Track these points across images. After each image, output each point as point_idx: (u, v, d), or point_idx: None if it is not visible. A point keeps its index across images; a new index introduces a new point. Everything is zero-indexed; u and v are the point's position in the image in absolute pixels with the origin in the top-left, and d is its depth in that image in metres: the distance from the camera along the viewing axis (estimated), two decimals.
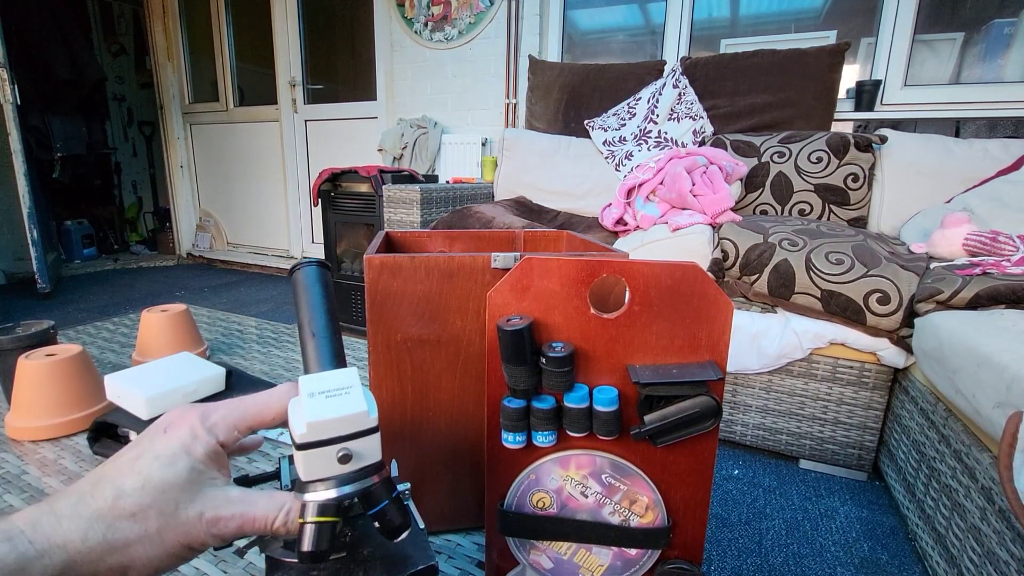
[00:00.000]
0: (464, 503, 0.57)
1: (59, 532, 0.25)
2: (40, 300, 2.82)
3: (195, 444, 0.30)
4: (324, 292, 0.35)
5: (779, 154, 1.77)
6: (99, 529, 0.26)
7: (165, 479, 0.28)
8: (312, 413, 0.28)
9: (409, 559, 0.34)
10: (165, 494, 0.28)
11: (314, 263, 0.36)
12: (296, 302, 0.35)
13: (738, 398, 1.40)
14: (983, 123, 1.91)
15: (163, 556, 0.27)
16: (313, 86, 3.45)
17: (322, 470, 0.29)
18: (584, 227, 1.90)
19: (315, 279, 0.36)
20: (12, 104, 2.61)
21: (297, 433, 0.28)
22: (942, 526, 0.94)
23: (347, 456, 0.29)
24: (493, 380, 0.43)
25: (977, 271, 1.09)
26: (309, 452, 0.28)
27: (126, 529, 0.27)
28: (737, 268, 1.33)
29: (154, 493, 0.27)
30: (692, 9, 2.37)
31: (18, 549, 0.24)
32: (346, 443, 0.29)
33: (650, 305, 0.40)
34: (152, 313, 0.91)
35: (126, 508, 0.27)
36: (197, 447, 0.30)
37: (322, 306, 0.35)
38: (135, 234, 4.52)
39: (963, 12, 2.00)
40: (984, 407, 0.80)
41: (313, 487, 0.29)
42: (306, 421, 0.28)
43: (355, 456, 0.29)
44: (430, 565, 0.34)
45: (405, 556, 0.34)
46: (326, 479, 0.29)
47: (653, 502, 0.43)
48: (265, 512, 0.29)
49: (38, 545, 0.25)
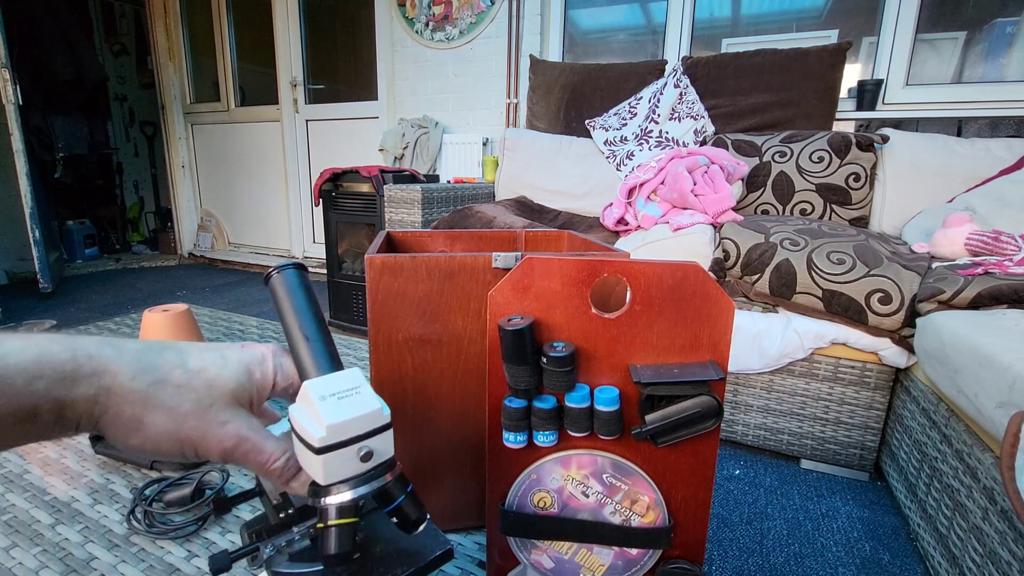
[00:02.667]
0: (465, 502, 0.57)
1: (116, 362, 0.28)
2: (42, 300, 2.83)
3: (257, 370, 0.32)
4: (308, 295, 0.35)
5: (780, 154, 1.77)
6: (146, 380, 0.28)
7: (220, 376, 0.30)
8: (330, 416, 0.28)
9: (425, 548, 0.34)
10: (211, 389, 0.30)
11: (291, 266, 0.35)
12: (279, 307, 0.34)
13: (739, 398, 1.40)
14: (985, 122, 1.90)
15: (173, 438, 0.29)
16: (314, 86, 3.45)
17: (341, 471, 0.29)
18: (585, 227, 1.90)
19: (297, 283, 0.35)
20: (14, 104, 2.62)
21: (316, 437, 0.28)
22: (944, 526, 0.94)
23: (369, 454, 0.29)
24: (494, 380, 0.43)
25: (979, 271, 1.09)
26: (329, 455, 0.28)
27: (165, 394, 0.28)
28: (738, 268, 1.33)
29: (204, 382, 0.30)
30: (693, 8, 2.36)
31: (77, 360, 0.26)
32: (364, 441, 0.29)
33: (651, 305, 0.40)
34: (154, 313, 0.91)
35: (177, 378, 0.29)
36: (257, 373, 0.32)
37: (309, 309, 0.34)
38: (137, 234, 4.53)
39: (965, 11, 2.00)
40: (986, 407, 0.80)
41: (333, 489, 0.29)
42: (326, 424, 0.28)
43: (374, 454, 0.29)
44: (446, 550, 0.34)
45: (419, 547, 0.34)
46: (344, 481, 0.29)
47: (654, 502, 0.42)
48: (272, 450, 0.31)
49: (95, 363, 0.27)
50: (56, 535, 0.54)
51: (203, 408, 0.29)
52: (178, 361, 0.30)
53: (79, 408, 0.27)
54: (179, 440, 0.29)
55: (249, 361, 0.32)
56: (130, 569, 0.50)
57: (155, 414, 0.28)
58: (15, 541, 0.53)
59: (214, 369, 0.30)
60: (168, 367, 0.29)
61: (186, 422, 0.29)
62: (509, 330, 0.39)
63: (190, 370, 0.30)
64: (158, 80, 3.90)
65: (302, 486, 0.32)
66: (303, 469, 0.31)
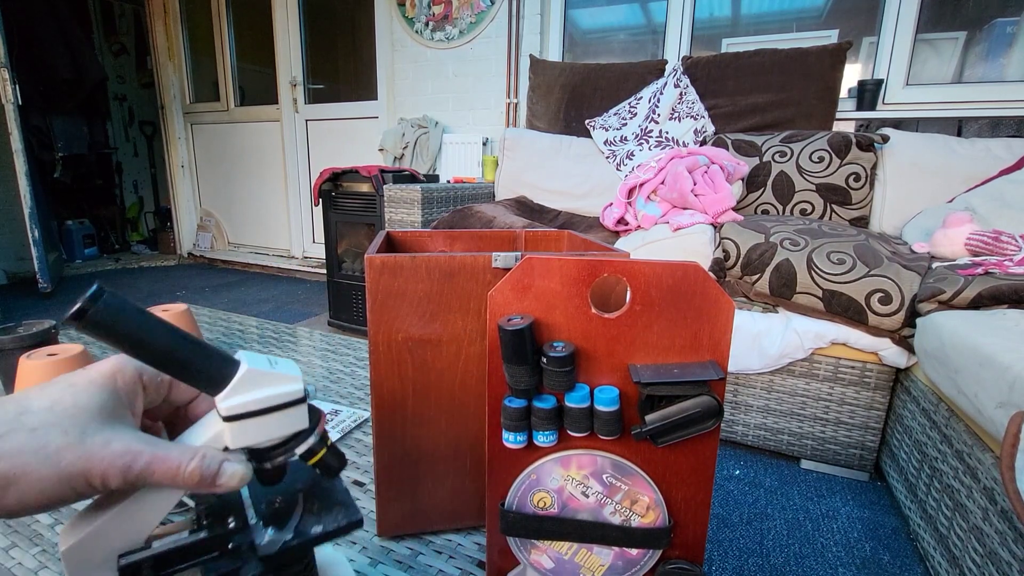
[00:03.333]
0: (465, 503, 0.57)
1: None
2: (41, 300, 2.83)
3: (118, 377, 0.29)
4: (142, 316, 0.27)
5: (781, 153, 1.77)
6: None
7: (77, 401, 0.26)
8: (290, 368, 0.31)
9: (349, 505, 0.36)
10: (72, 417, 0.26)
11: (100, 291, 0.25)
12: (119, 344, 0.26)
13: (739, 398, 1.40)
14: (985, 122, 1.90)
15: (55, 480, 0.25)
16: (314, 86, 3.45)
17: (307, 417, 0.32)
18: (585, 227, 1.89)
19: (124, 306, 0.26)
20: (13, 104, 2.62)
21: (295, 389, 0.30)
22: (944, 527, 0.94)
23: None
24: (494, 380, 0.43)
25: (979, 271, 1.09)
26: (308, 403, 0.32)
27: (21, 440, 0.24)
28: (739, 268, 1.33)
29: (63, 412, 0.26)
30: (693, 8, 2.36)
31: None
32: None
33: (651, 305, 0.40)
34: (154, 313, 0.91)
35: (27, 423, 0.25)
36: (119, 380, 0.28)
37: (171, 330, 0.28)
38: (136, 234, 4.52)
39: (965, 11, 2.00)
40: (986, 407, 0.80)
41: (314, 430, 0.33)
42: (295, 375, 0.30)
43: None
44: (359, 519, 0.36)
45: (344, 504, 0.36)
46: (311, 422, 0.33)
47: (654, 502, 0.42)
48: (179, 455, 0.27)
49: None
50: (56, 535, 0.54)
51: (76, 437, 0.25)
52: (21, 407, 0.26)
53: None
54: (62, 480, 0.25)
55: (101, 373, 0.28)
56: None
57: (21, 466, 0.24)
58: (15, 541, 0.52)
59: (68, 397, 0.27)
60: (11, 416, 0.25)
61: (62, 457, 0.25)
62: (509, 330, 0.39)
63: (39, 409, 0.26)
64: (157, 80, 3.90)
65: (233, 478, 0.28)
66: (226, 461, 0.28)
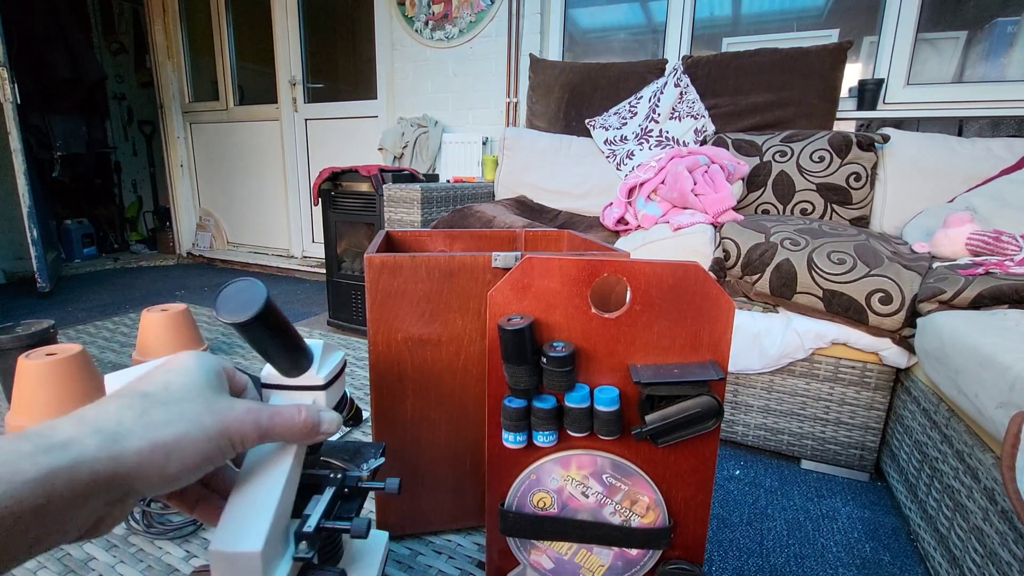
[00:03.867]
0: (465, 503, 0.57)
1: (122, 451, 0.23)
2: (40, 299, 2.82)
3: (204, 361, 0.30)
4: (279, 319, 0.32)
5: (781, 153, 1.77)
6: (130, 415, 0.25)
7: (185, 382, 0.28)
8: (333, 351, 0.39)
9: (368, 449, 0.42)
10: (190, 392, 0.28)
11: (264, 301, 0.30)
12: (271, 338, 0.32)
13: (739, 398, 1.39)
14: (986, 122, 1.90)
15: (206, 441, 0.26)
16: (313, 85, 3.45)
17: None
18: (585, 226, 1.89)
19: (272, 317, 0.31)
20: (12, 103, 2.61)
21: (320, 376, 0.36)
22: (944, 527, 0.94)
23: None
24: (494, 380, 0.43)
25: (980, 271, 1.09)
26: None
27: (163, 414, 0.26)
28: (739, 268, 1.32)
29: (180, 391, 0.27)
30: (694, 8, 2.36)
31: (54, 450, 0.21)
32: None
33: (651, 305, 0.40)
34: (152, 312, 0.91)
35: (158, 399, 0.26)
36: (207, 363, 0.30)
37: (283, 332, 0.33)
38: (135, 233, 4.52)
39: (966, 11, 2.00)
40: (987, 407, 0.80)
41: None
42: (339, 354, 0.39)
43: None
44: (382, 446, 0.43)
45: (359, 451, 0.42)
46: None
47: (654, 502, 0.42)
48: (290, 410, 0.31)
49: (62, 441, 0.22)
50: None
51: (203, 405, 0.27)
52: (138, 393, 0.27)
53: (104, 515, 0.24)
54: (211, 440, 0.27)
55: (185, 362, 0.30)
56: (128, 569, 0.50)
57: (176, 434, 0.25)
58: None
59: (175, 378, 0.28)
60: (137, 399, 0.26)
61: (203, 421, 0.27)
62: (509, 330, 0.39)
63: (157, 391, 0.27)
64: (157, 79, 3.89)
65: (332, 424, 0.33)
66: (322, 411, 0.33)
